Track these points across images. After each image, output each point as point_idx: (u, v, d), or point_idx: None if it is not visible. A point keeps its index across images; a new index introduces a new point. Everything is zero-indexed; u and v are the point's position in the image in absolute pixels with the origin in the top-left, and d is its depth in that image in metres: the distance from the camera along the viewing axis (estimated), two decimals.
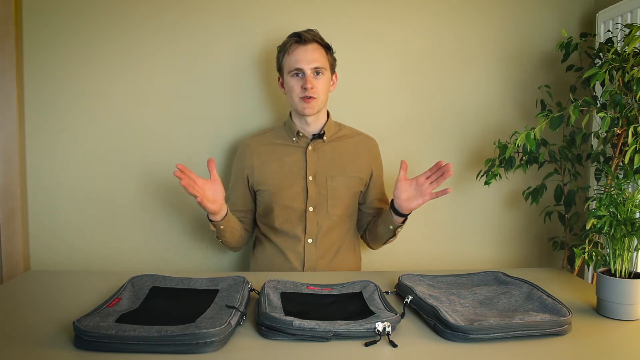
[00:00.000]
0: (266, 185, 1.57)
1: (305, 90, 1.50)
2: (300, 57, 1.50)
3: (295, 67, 1.50)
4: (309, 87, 1.49)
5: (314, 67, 1.50)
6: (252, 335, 0.95)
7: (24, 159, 1.81)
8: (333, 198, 1.55)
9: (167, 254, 1.87)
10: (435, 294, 1.09)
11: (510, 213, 1.95)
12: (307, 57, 1.50)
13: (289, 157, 1.58)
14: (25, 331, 0.95)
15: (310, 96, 1.50)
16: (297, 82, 1.52)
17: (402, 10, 1.86)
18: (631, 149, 1.32)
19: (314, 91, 1.51)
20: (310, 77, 1.50)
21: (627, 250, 1.06)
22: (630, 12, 1.57)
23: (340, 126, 1.65)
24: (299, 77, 1.52)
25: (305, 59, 1.50)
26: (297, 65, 1.50)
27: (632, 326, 1.01)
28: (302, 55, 1.50)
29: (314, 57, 1.50)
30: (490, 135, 1.91)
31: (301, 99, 1.51)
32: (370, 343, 0.91)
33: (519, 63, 1.91)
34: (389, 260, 1.89)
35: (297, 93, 1.52)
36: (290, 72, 1.52)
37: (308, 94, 1.50)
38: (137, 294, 1.10)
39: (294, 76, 1.52)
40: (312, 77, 1.51)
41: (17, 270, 1.79)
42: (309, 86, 1.49)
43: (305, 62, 1.49)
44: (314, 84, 1.50)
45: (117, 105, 1.82)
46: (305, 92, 1.50)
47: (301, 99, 1.51)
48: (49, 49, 1.78)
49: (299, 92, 1.51)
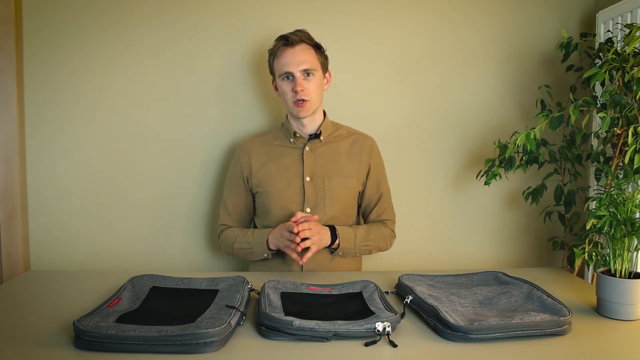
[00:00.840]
0: (264, 187, 1.57)
1: (297, 94, 1.49)
2: (289, 59, 1.49)
3: (284, 71, 1.50)
4: (300, 89, 1.49)
5: (303, 69, 1.49)
6: (252, 335, 0.95)
7: (24, 159, 1.81)
8: (330, 198, 1.55)
9: (167, 254, 1.87)
10: (435, 294, 1.09)
11: (510, 213, 1.95)
12: (296, 59, 1.49)
13: (286, 158, 1.58)
14: (25, 331, 0.95)
15: (303, 99, 1.50)
16: (288, 85, 1.51)
17: (402, 10, 1.86)
18: (631, 149, 1.32)
19: (305, 93, 1.50)
20: (300, 79, 1.49)
21: (627, 250, 1.06)
22: (630, 12, 1.57)
23: (337, 126, 1.65)
24: (289, 81, 1.51)
25: (293, 62, 1.49)
26: (286, 69, 1.50)
27: (632, 326, 1.01)
28: (291, 57, 1.49)
29: (302, 59, 1.49)
30: (490, 135, 1.91)
31: (294, 102, 1.51)
32: (370, 343, 0.91)
33: (519, 63, 1.91)
34: (389, 260, 1.88)
35: (290, 97, 1.51)
36: (281, 75, 1.52)
37: (300, 97, 1.49)
38: (137, 294, 1.10)
39: (284, 79, 1.52)
40: (302, 79, 1.50)
41: (17, 270, 1.79)
42: (299, 89, 1.48)
43: (294, 64, 1.49)
44: (305, 86, 1.50)
45: (117, 105, 1.82)
46: (296, 95, 1.50)
47: (294, 102, 1.51)
48: (49, 49, 1.78)
49: (291, 96, 1.51)
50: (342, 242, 1.47)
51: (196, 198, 1.86)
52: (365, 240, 1.53)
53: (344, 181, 1.56)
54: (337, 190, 1.55)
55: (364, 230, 1.55)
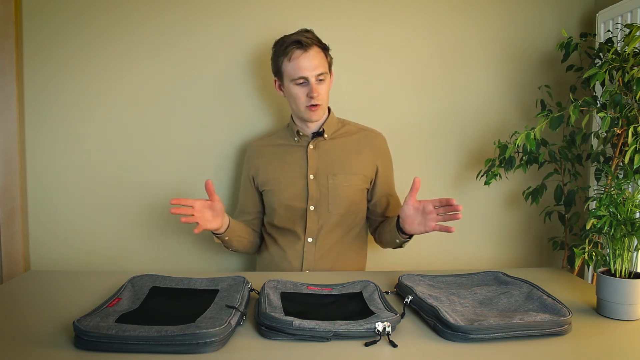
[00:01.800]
0: (269, 186, 1.58)
1: (312, 99, 1.48)
2: (304, 64, 1.47)
3: (299, 76, 1.48)
4: (315, 95, 1.48)
5: (317, 74, 1.48)
6: (252, 335, 0.95)
7: (24, 159, 1.81)
8: (335, 196, 1.54)
9: (167, 254, 1.87)
10: (435, 294, 1.09)
11: (510, 213, 1.95)
12: (312, 64, 1.47)
13: (290, 157, 1.58)
14: (25, 331, 0.95)
15: (317, 104, 1.49)
16: (302, 90, 1.50)
17: (402, 10, 1.86)
18: (631, 149, 1.32)
19: (319, 98, 1.49)
20: (314, 84, 1.48)
21: (627, 250, 1.06)
22: (630, 12, 1.57)
23: (343, 123, 1.64)
24: (303, 85, 1.49)
25: (309, 67, 1.47)
26: (301, 74, 1.47)
27: (632, 326, 1.01)
28: (306, 62, 1.47)
29: (317, 64, 1.48)
30: (490, 135, 1.91)
31: (307, 107, 1.50)
32: (370, 343, 0.91)
33: (519, 63, 1.91)
34: (389, 260, 1.89)
35: (303, 101, 1.50)
36: (294, 80, 1.49)
37: (314, 102, 1.49)
38: (137, 294, 1.10)
39: (298, 84, 1.50)
40: (316, 84, 1.49)
41: (17, 270, 1.79)
42: (315, 95, 1.47)
43: (309, 69, 1.47)
44: (319, 91, 1.49)
45: (117, 105, 1.82)
46: (311, 100, 1.48)
47: (307, 107, 1.50)
48: (49, 49, 1.78)
49: (305, 101, 1.50)
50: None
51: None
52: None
53: (349, 178, 1.56)
54: (342, 188, 1.55)
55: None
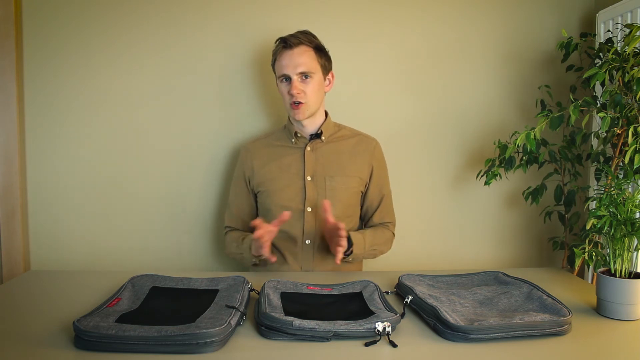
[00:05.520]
0: (265, 186, 1.57)
1: (292, 97, 1.50)
2: (286, 62, 1.49)
3: (282, 73, 1.50)
4: (295, 92, 1.49)
5: (300, 72, 1.49)
6: (252, 335, 0.95)
7: (24, 159, 1.81)
8: (332, 198, 1.54)
9: (167, 254, 1.87)
10: (435, 294, 1.09)
11: (510, 213, 1.95)
12: (293, 62, 1.48)
13: (287, 158, 1.58)
14: (25, 331, 0.95)
15: (299, 102, 1.50)
16: (285, 87, 1.52)
17: (402, 10, 1.86)
18: (631, 149, 1.32)
19: (302, 96, 1.50)
20: (296, 82, 1.49)
21: (627, 250, 1.06)
22: (630, 12, 1.57)
23: (339, 127, 1.65)
24: (286, 83, 1.52)
25: (290, 64, 1.48)
26: (283, 71, 1.50)
27: (632, 326, 1.01)
28: (288, 60, 1.49)
29: (299, 62, 1.48)
30: (490, 135, 1.91)
31: (290, 105, 1.51)
32: (370, 343, 0.91)
33: (519, 63, 1.91)
34: (389, 260, 1.88)
35: (287, 99, 1.52)
36: (279, 77, 1.52)
37: (295, 100, 1.50)
38: (137, 294, 1.10)
39: (282, 82, 1.52)
40: (299, 82, 1.49)
41: (17, 270, 1.79)
42: (294, 92, 1.49)
43: (291, 67, 1.48)
44: (301, 89, 1.49)
45: (117, 105, 1.82)
46: (292, 97, 1.50)
47: (290, 105, 1.51)
48: (49, 49, 1.78)
49: (288, 98, 1.51)
50: (355, 249, 1.46)
51: (196, 198, 1.86)
52: (373, 245, 1.53)
53: (346, 181, 1.56)
54: (339, 190, 1.55)
55: (371, 234, 1.54)
